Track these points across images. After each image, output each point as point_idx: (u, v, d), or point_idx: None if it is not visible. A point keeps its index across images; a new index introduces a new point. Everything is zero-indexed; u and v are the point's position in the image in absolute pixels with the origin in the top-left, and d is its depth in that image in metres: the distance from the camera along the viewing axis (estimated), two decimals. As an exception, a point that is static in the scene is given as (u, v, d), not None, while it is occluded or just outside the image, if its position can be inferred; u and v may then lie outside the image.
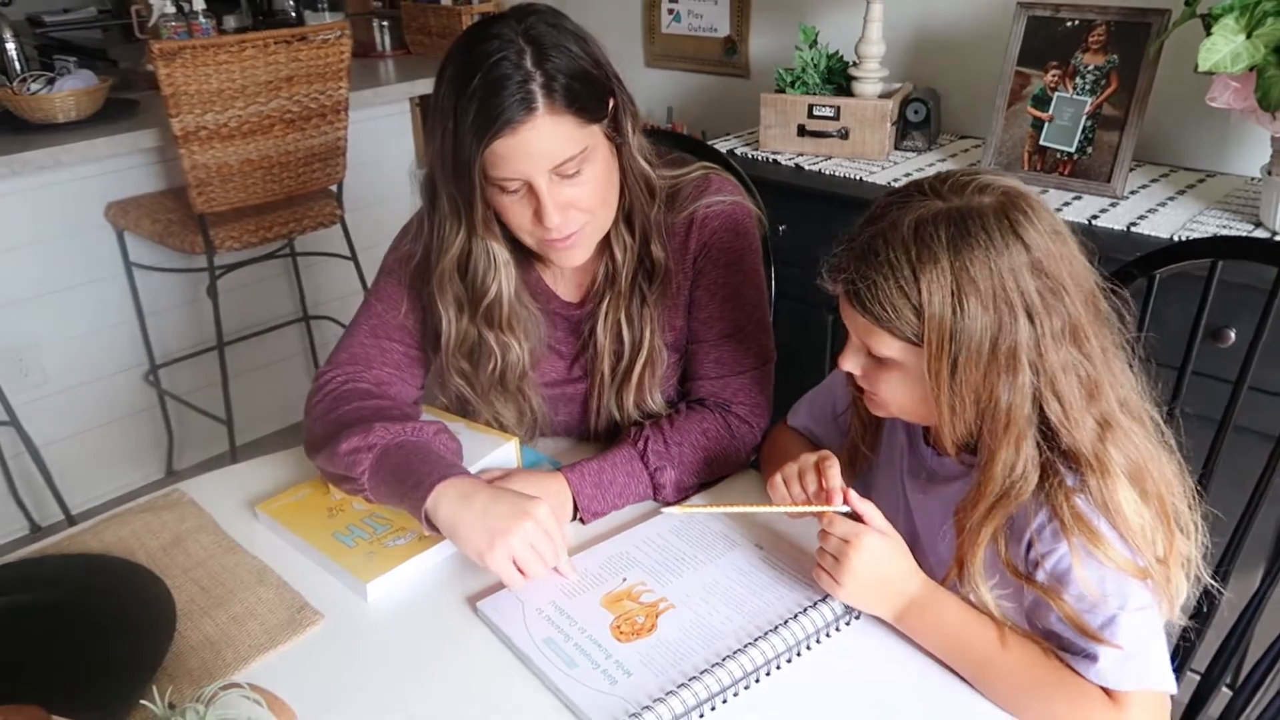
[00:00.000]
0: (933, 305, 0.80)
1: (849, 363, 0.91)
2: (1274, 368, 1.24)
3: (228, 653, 0.92)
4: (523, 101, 0.97)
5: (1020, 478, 0.82)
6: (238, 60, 2.12)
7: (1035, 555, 0.84)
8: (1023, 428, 0.82)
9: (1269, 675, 1.02)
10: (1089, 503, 0.81)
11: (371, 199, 2.80)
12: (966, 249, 0.79)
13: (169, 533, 1.10)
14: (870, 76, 1.98)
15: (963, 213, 0.81)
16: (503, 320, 1.12)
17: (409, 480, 1.01)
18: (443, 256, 1.09)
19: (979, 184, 0.83)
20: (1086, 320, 0.82)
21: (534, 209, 1.03)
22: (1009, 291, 0.79)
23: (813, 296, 1.88)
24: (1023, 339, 0.80)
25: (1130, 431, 0.83)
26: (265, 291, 2.78)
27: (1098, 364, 0.82)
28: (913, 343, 0.83)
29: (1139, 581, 0.81)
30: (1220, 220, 1.60)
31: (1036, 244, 0.80)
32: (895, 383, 0.88)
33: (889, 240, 0.82)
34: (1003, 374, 0.81)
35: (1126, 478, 0.81)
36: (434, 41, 3.08)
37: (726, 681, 0.83)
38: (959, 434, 0.86)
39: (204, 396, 2.62)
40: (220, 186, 2.22)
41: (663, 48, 2.72)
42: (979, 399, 0.82)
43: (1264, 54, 1.38)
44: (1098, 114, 1.73)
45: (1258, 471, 1.05)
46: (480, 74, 0.97)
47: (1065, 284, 0.81)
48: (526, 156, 0.99)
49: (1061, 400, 0.81)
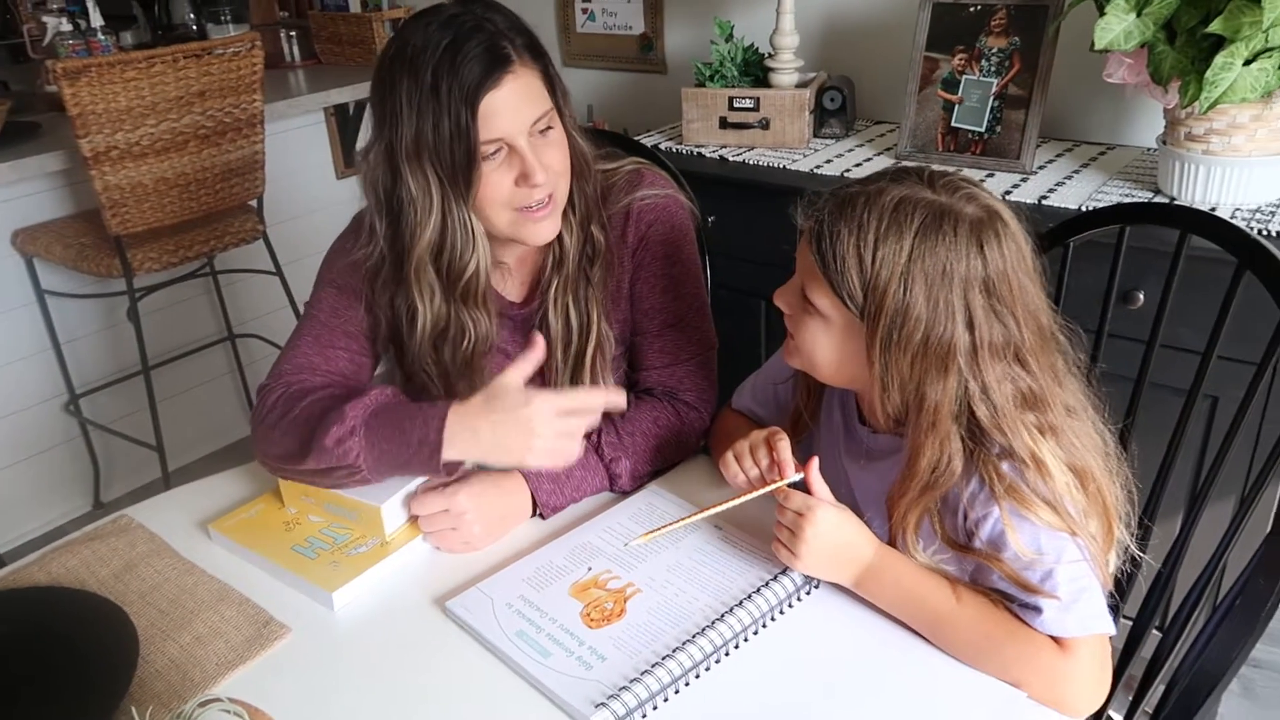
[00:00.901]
0: (879, 276, 0.83)
1: (781, 299, 0.95)
2: (1181, 326, 1.32)
3: (194, 673, 0.91)
4: (503, 55, 1.01)
5: (945, 469, 0.87)
6: (146, 77, 2.07)
7: (970, 523, 0.88)
8: (949, 426, 0.86)
9: (1193, 615, 1.09)
10: (1015, 468, 0.86)
11: (294, 212, 2.76)
12: (930, 241, 0.83)
13: (120, 559, 1.08)
14: (786, 67, 2.03)
15: (943, 209, 0.84)
16: (478, 295, 1.12)
17: (409, 444, 1.01)
18: (416, 243, 1.07)
19: (970, 194, 0.87)
20: (1032, 344, 0.86)
21: (514, 175, 1.05)
22: (954, 296, 0.83)
23: (746, 285, 1.94)
24: (959, 343, 0.83)
25: (1076, 439, 0.87)
26: (188, 312, 2.71)
27: (1042, 381, 0.86)
28: (844, 305, 0.87)
29: (1069, 537, 0.86)
30: (1122, 189, 1.69)
31: (995, 265, 0.84)
32: (816, 333, 0.91)
33: (870, 203, 0.86)
34: (932, 370, 0.84)
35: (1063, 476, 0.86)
36: (345, 50, 3.04)
37: (698, 657, 0.86)
38: (889, 410, 0.90)
39: (131, 423, 2.55)
40: (135, 207, 2.16)
41: (579, 47, 2.73)
42: (905, 386, 0.86)
43: (1153, 30, 1.46)
44: (1004, 94, 1.81)
45: (1172, 424, 1.12)
46: (450, 39, 0.99)
47: (1015, 310, 0.84)
48: (512, 111, 1.02)
49: (994, 407, 0.85)
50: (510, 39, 1.03)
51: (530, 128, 1.04)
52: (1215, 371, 1.09)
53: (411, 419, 1.02)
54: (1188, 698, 1.01)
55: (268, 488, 1.17)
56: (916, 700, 0.84)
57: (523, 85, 1.03)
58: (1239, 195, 1.55)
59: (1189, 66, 1.43)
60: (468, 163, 1.02)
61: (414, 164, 1.04)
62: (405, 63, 1.01)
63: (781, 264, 1.87)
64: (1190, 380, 1.10)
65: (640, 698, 0.82)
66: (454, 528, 1.05)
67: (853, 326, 0.89)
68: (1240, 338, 1.13)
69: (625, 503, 1.11)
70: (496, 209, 1.07)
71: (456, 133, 1.01)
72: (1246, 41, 1.35)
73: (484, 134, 1.01)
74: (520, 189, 1.06)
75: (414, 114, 1.01)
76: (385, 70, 1.04)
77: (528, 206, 1.08)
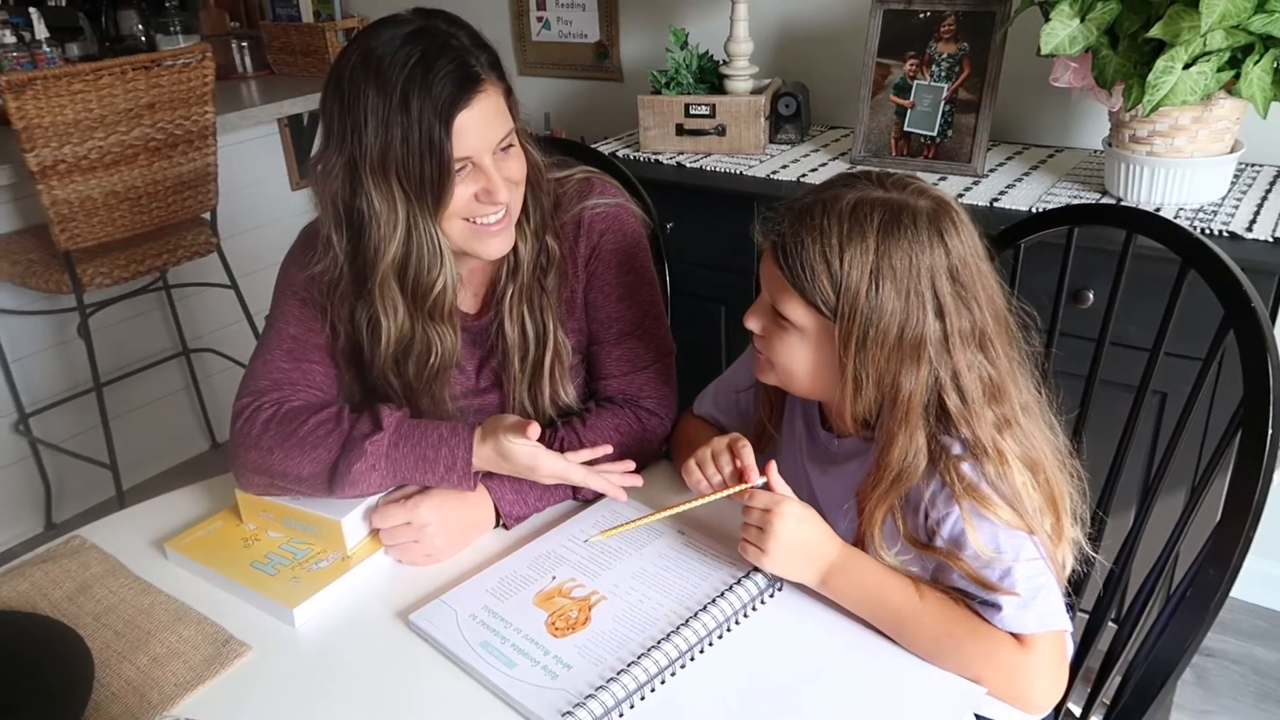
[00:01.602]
0: (850, 279, 0.85)
1: (753, 320, 0.95)
2: (1129, 324, 1.35)
3: (152, 695, 0.90)
4: (474, 74, 1.01)
5: (913, 461, 0.88)
6: (94, 89, 2.03)
7: (931, 522, 0.90)
8: (920, 416, 0.87)
9: (1147, 607, 1.11)
10: (975, 469, 0.87)
11: (248, 224, 2.73)
12: (893, 237, 0.85)
13: (73, 581, 1.06)
14: (741, 74, 2.05)
15: (899, 205, 0.87)
16: (445, 311, 1.11)
17: (435, 469, 1.06)
18: (380, 259, 1.06)
19: (918, 188, 0.89)
20: (994, 331, 0.88)
21: (475, 190, 1.05)
22: (923, 286, 0.85)
23: (705, 291, 1.96)
24: (929, 333, 0.85)
25: (1031, 434, 0.90)
26: (141, 327, 2.66)
27: (1002, 371, 0.88)
28: (820, 312, 0.88)
29: (1027, 535, 0.88)
30: (1071, 191, 1.73)
31: (956, 252, 0.86)
32: (792, 346, 0.92)
33: (827, 210, 0.87)
34: (906, 362, 0.86)
35: (1021, 468, 0.88)
36: (299, 60, 3.01)
37: (664, 662, 0.86)
38: (859, 411, 0.91)
39: (83, 442, 2.50)
40: (85, 221, 2.13)
41: (535, 55, 2.73)
42: (880, 381, 0.87)
43: (1097, 35, 1.49)
44: (955, 99, 1.84)
45: (1123, 420, 1.14)
46: (419, 54, 0.99)
47: (978, 295, 0.87)
48: (480, 130, 1.02)
49: (964, 395, 0.87)
50: (476, 57, 1.03)
51: (495, 146, 1.05)
52: (1163, 368, 1.11)
53: (435, 445, 1.06)
54: (1144, 687, 1.03)
55: (224, 504, 1.15)
56: (880, 699, 0.85)
57: (491, 105, 1.03)
58: (1182, 195, 1.59)
59: (1132, 70, 1.47)
60: (440, 179, 1.02)
61: (379, 178, 1.02)
62: (370, 74, 1.00)
63: (739, 270, 1.91)
64: (1139, 377, 1.13)
65: (607, 705, 0.82)
66: (416, 540, 1.04)
67: (827, 333, 0.89)
68: (1186, 334, 1.16)
69: (588, 510, 1.12)
70: (453, 222, 1.07)
71: (429, 150, 1.00)
72: (1186, 46, 1.38)
73: (458, 149, 1.01)
74: (479, 204, 1.06)
75: (381, 128, 1.00)
76: (348, 80, 1.01)
77: (485, 223, 1.07)
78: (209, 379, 2.85)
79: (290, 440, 1.07)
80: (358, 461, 1.04)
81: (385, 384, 1.16)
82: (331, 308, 1.14)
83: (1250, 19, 1.35)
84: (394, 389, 1.16)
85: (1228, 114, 1.52)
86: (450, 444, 1.06)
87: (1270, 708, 1.83)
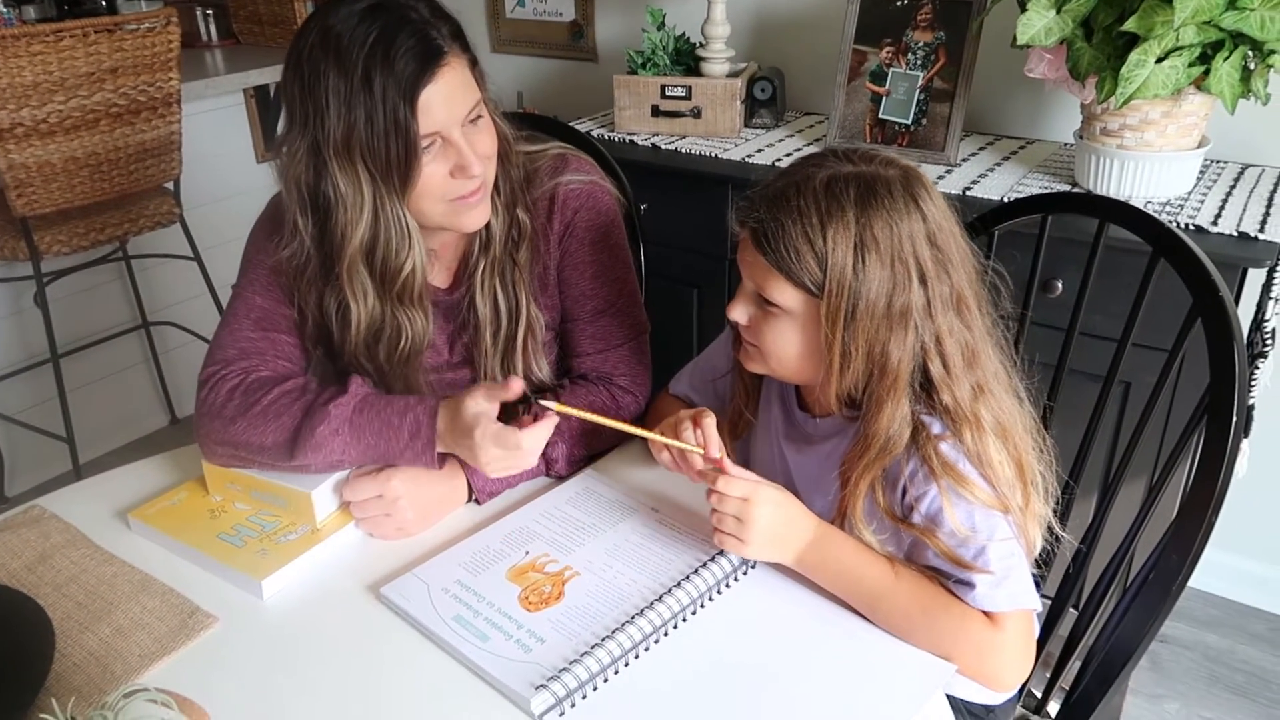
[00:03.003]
0: (835, 254, 0.85)
1: (737, 311, 0.95)
2: (1097, 314, 1.37)
3: (115, 666, 0.88)
4: (436, 47, 0.98)
5: (898, 432, 0.89)
6: (54, 51, 1.98)
7: (909, 499, 0.91)
8: (906, 384, 0.88)
9: (1106, 594, 1.13)
10: (955, 447, 0.88)
11: (212, 195, 2.67)
12: (871, 208, 0.85)
13: (32, 551, 1.03)
14: (718, 57, 2.04)
15: (871, 178, 0.87)
16: (414, 294, 1.10)
17: (399, 437, 1.03)
18: (347, 243, 1.04)
19: (885, 159, 0.90)
20: (969, 295, 0.89)
21: (449, 167, 1.03)
22: (905, 254, 0.86)
23: (678, 273, 1.95)
24: (915, 300, 0.86)
25: (1001, 399, 0.91)
26: (100, 298, 2.60)
27: (977, 335, 0.90)
28: (808, 291, 0.88)
29: (1002, 515, 0.89)
30: (1042, 182, 1.75)
31: (932, 217, 0.87)
32: (781, 331, 0.92)
33: (801, 190, 0.87)
34: (895, 330, 0.86)
35: (994, 435, 0.89)
36: (265, 30, 2.95)
37: (637, 638, 0.86)
38: (845, 386, 0.91)
39: (39, 414, 2.44)
40: (43, 187, 2.07)
41: (508, 33, 2.70)
42: (871, 352, 0.88)
43: (1072, 28, 1.51)
44: (930, 87, 1.85)
45: (1089, 409, 1.16)
46: (378, 31, 0.96)
47: (953, 258, 0.88)
48: (447, 104, 1.00)
49: (945, 361, 0.88)
50: (437, 28, 1.00)
51: (463, 119, 1.03)
52: (1129, 358, 1.13)
53: (400, 412, 1.03)
54: (1103, 671, 1.05)
55: (189, 475, 1.13)
56: (852, 675, 0.86)
57: (457, 77, 1.01)
58: (1151, 189, 1.61)
59: (1105, 63, 1.48)
60: (407, 158, 1.00)
61: (343, 160, 1.00)
62: (330, 54, 0.97)
63: (713, 253, 1.91)
64: (1106, 366, 1.14)
65: (580, 679, 0.82)
66: (388, 513, 1.03)
67: (816, 312, 0.89)
68: (1150, 326, 1.17)
69: (562, 487, 1.11)
70: (431, 201, 1.05)
71: (394, 129, 0.98)
72: (1159, 40, 1.40)
73: (424, 125, 0.99)
74: (454, 180, 1.04)
75: (344, 108, 0.97)
76: (307, 61, 0.98)
77: (461, 195, 1.06)
78: (169, 352, 2.80)
79: (254, 409, 1.05)
80: (321, 424, 1.02)
81: (357, 368, 1.14)
82: (299, 292, 1.12)
83: (1222, 15, 1.37)
84: (367, 373, 1.15)
85: (1196, 110, 1.55)
86: (416, 410, 1.04)
87: (1220, 691, 1.88)
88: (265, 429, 1.04)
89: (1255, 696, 1.87)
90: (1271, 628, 2.03)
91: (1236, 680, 1.91)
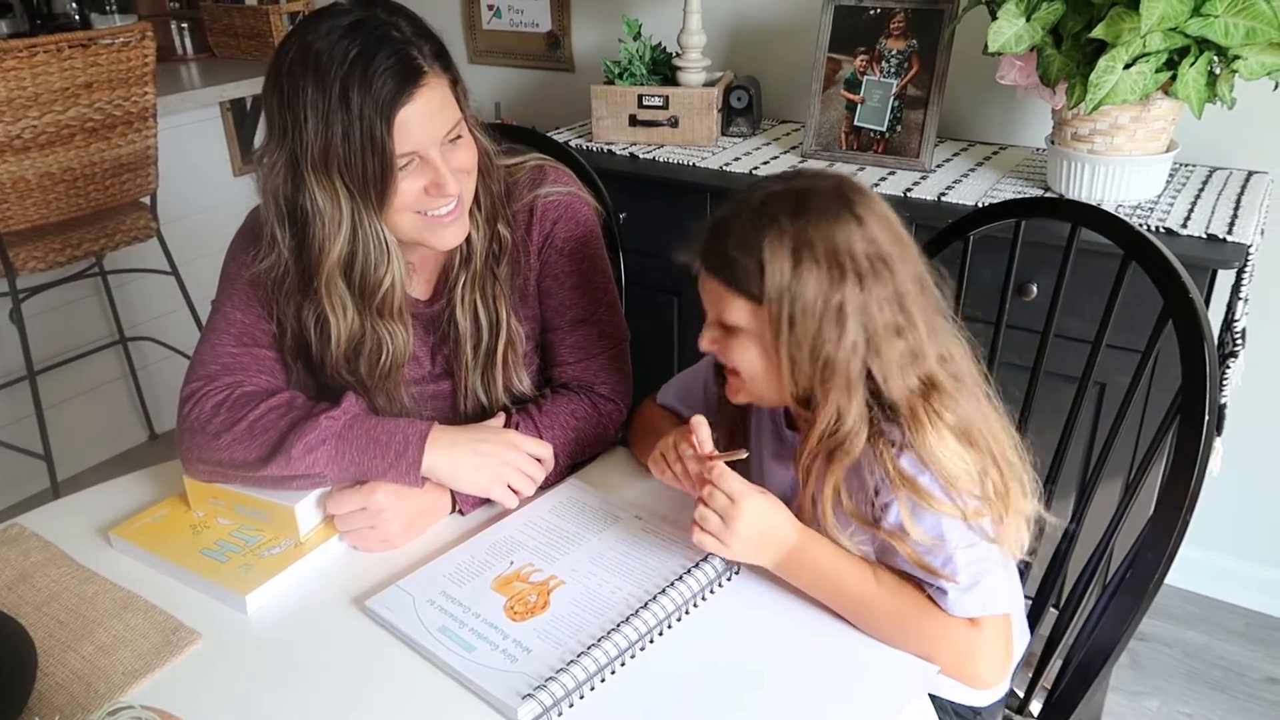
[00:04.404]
0: (774, 262, 0.87)
1: (705, 339, 0.97)
2: (1071, 317, 1.39)
3: (99, 684, 0.88)
4: (415, 67, 0.98)
5: (850, 430, 0.89)
6: (28, 66, 1.96)
7: (878, 507, 0.92)
8: (853, 382, 0.89)
9: (1086, 593, 1.15)
10: (914, 461, 0.89)
11: (189, 209, 2.66)
12: (804, 216, 0.88)
13: (12, 570, 1.03)
14: (694, 66, 2.06)
15: (803, 191, 0.91)
16: (394, 308, 1.10)
17: (385, 455, 1.04)
18: (325, 257, 1.04)
19: (816, 173, 0.94)
20: (912, 293, 0.90)
21: (424, 183, 1.03)
22: (841, 256, 0.87)
23: (658, 282, 1.96)
24: (851, 300, 0.87)
25: (954, 392, 0.91)
26: (77, 314, 2.58)
27: (922, 332, 0.90)
28: (754, 300, 0.90)
29: (965, 524, 0.89)
30: (1015, 187, 1.77)
31: (867, 221, 0.89)
32: (744, 349, 0.94)
33: (739, 213, 0.91)
34: (833, 330, 0.88)
35: (950, 431, 0.89)
36: (241, 44, 2.94)
37: (623, 645, 0.87)
38: (800, 391, 0.92)
39: (15, 432, 2.42)
40: (17, 203, 2.06)
41: (485, 44, 2.71)
42: (814, 353, 0.89)
43: (1042, 35, 1.53)
44: (903, 95, 1.87)
45: (1065, 411, 1.18)
46: (359, 48, 0.96)
47: (891, 260, 0.89)
48: (425, 124, 1.00)
49: (883, 358, 0.89)
50: (419, 47, 1.00)
51: (442, 138, 1.03)
52: (1103, 359, 1.15)
53: (389, 431, 1.04)
54: (1084, 669, 1.06)
55: (169, 492, 1.13)
56: (836, 678, 0.86)
57: (436, 97, 1.01)
58: (1120, 193, 1.64)
59: (1074, 70, 1.51)
60: (383, 176, 1.00)
61: (321, 175, 1.00)
62: (309, 70, 0.97)
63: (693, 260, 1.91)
64: (1080, 368, 1.16)
65: (567, 687, 0.82)
66: (372, 526, 1.03)
67: (763, 324, 0.91)
68: (1123, 327, 1.19)
69: (546, 496, 1.12)
70: (408, 217, 1.06)
71: (370, 146, 0.98)
72: (1126, 46, 1.43)
73: (398, 147, 0.99)
74: (429, 197, 1.05)
75: (321, 124, 0.97)
76: (286, 75, 0.99)
77: (436, 214, 1.06)
78: (147, 368, 2.78)
79: (240, 424, 1.05)
80: (311, 433, 1.02)
81: (339, 382, 1.14)
82: (278, 305, 1.12)
83: (1187, 22, 1.40)
84: (350, 387, 1.14)
85: (1164, 114, 1.57)
86: (406, 428, 1.05)
87: (1199, 687, 1.90)
88: (252, 444, 1.04)
89: (1233, 691, 1.89)
90: (1248, 623, 2.06)
91: (1215, 675, 1.93)
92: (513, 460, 1.08)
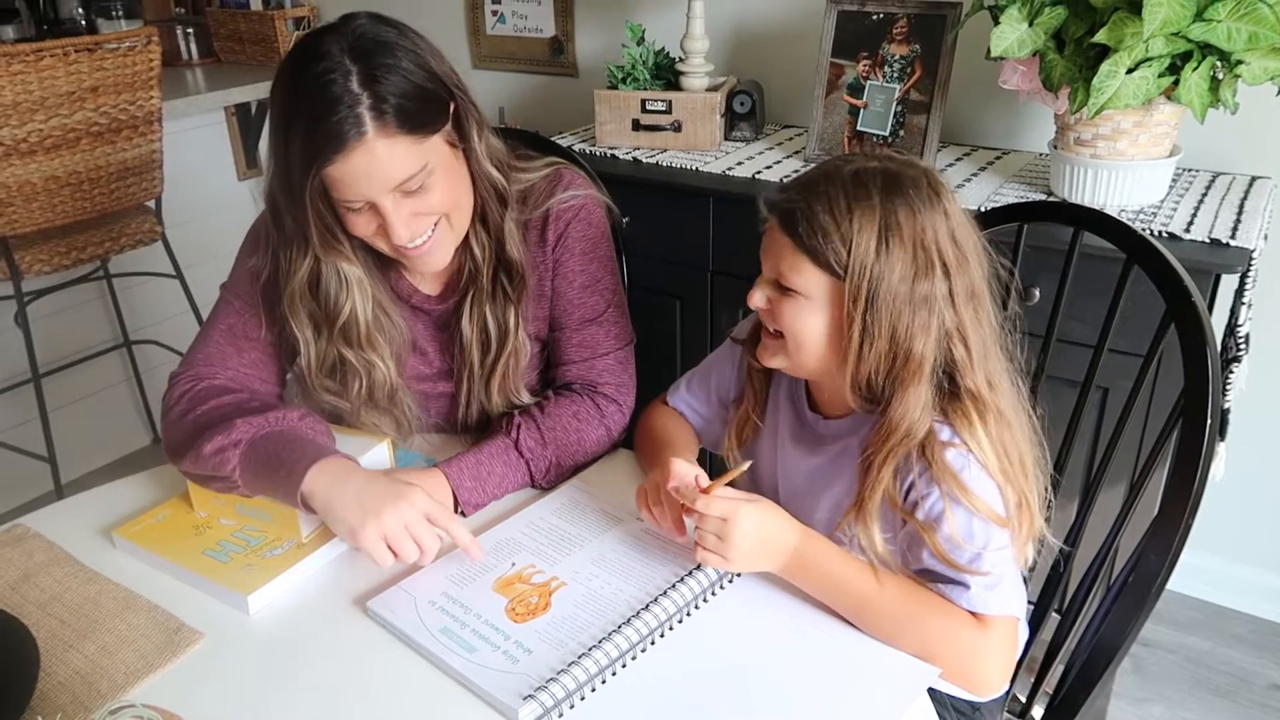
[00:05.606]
0: (860, 237, 0.87)
1: (756, 296, 0.96)
2: (1074, 321, 1.39)
3: (101, 684, 0.88)
4: (352, 125, 0.94)
5: (919, 419, 0.90)
6: (34, 70, 1.98)
7: (914, 497, 0.92)
8: (928, 372, 0.90)
9: (1089, 597, 1.14)
10: (960, 455, 0.89)
11: (194, 213, 2.67)
12: (896, 198, 0.88)
13: (15, 570, 1.03)
14: (697, 71, 2.06)
15: (895, 172, 0.91)
16: (361, 338, 1.11)
17: (281, 470, 0.99)
18: (292, 278, 1.07)
19: (906, 160, 0.94)
20: (985, 293, 0.92)
21: (379, 224, 1.03)
22: (928, 244, 0.88)
23: (661, 285, 1.96)
24: (938, 290, 0.88)
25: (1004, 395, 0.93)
26: (81, 317, 2.59)
27: (987, 331, 0.92)
28: (832, 273, 0.90)
29: (999, 527, 0.90)
30: (1018, 192, 1.77)
31: (953, 214, 0.90)
32: (801, 314, 0.93)
33: (830, 179, 0.91)
34: (918, 316, 0.88)
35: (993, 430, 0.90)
36: (246, 49, 2.96)
37: (624, 647, 0.87)
38: (864, 372, 0.92)
39: (20, 434, 2.43)
40: (23, 206, 2.07)
41: (489, 49, 2.72)
42: (894, 335, 0.89)
43: (1044, 39, 1.53)
44: (906, 99, 1.88)
45: (1068, 415, 1.18)
46: (306, 98, 0.96)
47: (970, 257, 0.91)
48: (363, 179, 0.98)
49: (969, 347, 0.90)
50: (377, 104, 0.95)
51: (394, 190, 1.00)
52: (1106, 363, 1.15)
53: (292, 448, 1.01)
54: (1086, 673, 1.06)
55: (172, 493, 1.13)
56: (837, 680, 0.86)
57: (379, 155, 0.96)
58: (1123, 197, 1.64)
59: (1077, 74, 1.51)
60: (304, 226, 1.03)
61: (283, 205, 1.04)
62: (275, 96, 0.99)
63: (695, 264, 1.92)
64: (1083, 372, 1.16)
65: (568, 689, 0.82)
66: None
67: (837, 295, 0.91)
68: (1125, 332, 1.19)
69: (548, 498, 1.12)
70: (374, 242, 1.07)
71: (295, 194, 1.00)
72: (1129, 51, 1.43)
73: (340, 194, 1.00)
74: (382, 236, 1.05)
75: (273, 155, 1.01)
76: (272, 95, 1.01)
77: (404, 247, 1.05)
78: (151, 371, 2.79)
79: (189, 415, 1.08)
80: (222, 435, 1.01)
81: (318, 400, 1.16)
82: (275, 306, 1.13)
83: (1189, 27, 1.40)
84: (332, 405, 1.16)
85: (1167, 119, 1.57)
86: (305, 450, 1.00)
87: (1203, 694, 1.90)
88: (184, 435, 1.06)
89: (1237, 698, 1.89)
90: (1252, 629, 2.05)
91: (1219, 682, 1.93)
92: (402, 516, 0.95)
